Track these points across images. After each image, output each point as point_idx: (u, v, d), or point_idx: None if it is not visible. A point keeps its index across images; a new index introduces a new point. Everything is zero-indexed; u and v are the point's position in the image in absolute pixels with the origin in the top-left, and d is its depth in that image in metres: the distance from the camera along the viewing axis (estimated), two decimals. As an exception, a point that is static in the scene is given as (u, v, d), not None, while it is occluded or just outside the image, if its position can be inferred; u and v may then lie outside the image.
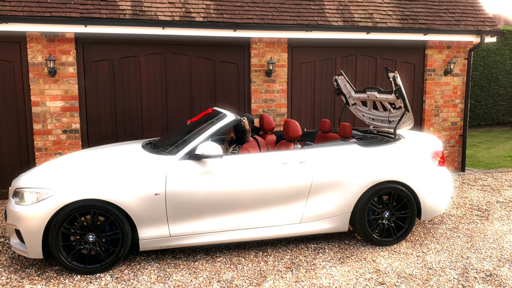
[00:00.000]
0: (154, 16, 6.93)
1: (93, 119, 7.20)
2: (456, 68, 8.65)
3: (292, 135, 5.19)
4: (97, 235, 4.32)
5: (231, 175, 4.58)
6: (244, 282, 4.17)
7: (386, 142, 5.24)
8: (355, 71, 8.29)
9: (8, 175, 6.95)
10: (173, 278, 4.25)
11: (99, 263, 4.34)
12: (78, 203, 4.19)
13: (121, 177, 4.34)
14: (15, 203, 4.29)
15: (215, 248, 4.99)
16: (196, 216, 4.53)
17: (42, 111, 6.89)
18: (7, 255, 4.80)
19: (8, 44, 6.73)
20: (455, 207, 6.54)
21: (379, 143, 5.18)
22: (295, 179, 4.75)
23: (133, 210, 4.32)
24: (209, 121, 4.99)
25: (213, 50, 7.57)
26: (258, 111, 7.81)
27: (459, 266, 4.53)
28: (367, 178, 4.89)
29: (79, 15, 6.62)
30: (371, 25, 7.75)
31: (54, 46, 6.81)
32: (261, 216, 4.71)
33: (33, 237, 4.17)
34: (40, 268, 4.47)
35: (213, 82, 7.66)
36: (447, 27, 8.13)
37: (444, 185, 5.26)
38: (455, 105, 8.79)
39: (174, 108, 7.53)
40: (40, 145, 6.94)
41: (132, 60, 7.25)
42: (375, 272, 4.38)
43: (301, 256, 4.76)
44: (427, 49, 8.49)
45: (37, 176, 4.41)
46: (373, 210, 5.01)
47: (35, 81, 6.81)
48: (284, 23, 7.37)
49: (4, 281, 4.20)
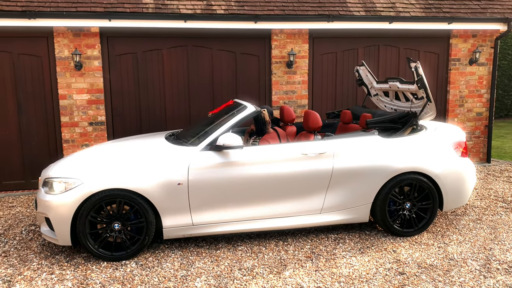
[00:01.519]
0: (176, 10, 7.02)
1: (118, 111, 7.37)
2: (481, 57, 8.46)
3: (312, 126, 5.22)
4: (123, 223, 4.46)
5: (252, 165, 4.65)
6: (264, 270, 4.25)
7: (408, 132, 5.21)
8: (377, 62, 8.21)
9: (38, 166, 7.21)
10: (195, 266, 4.37)
11: (125, 250, 4.49)
12: (104, 193, 4.34)
13: (145, 167, 4.46)
14: (45, 193, 4.47)
15: (236, 237, 5.08)
16: (218, 206, 4.62)
17: (69, 104, 7.09)
18: (38, 242, 5.01)
19: (36, 39, 6.94)
20: (479, 199, 6.45)
21: (400, 134, 5.15)
22: (315, 169, 4.78)
23: (157, 199, 4.45)
24: (230, 113, 5.06)
25: (234, 43, 7.62)
26: (279, 103, 7.84)
27: (481, 258, 4.50)
28: (388, 169, 4.88)
29: (103, 9, 6.77)
30: (393, 15, 7.65)
31: (80, 40, 6.99)
32: (281, 206, 4.77)
33: (62, 225, 4.34)
34: (69, 255, 4.66)
35: (234, 74, 7.73)
36: (473, 15, 7.95)
37: (467, 176, 5.20)
38: (480, 95, 8.61)
39: (196, 100, 7.64)
40: (68, 137, 7.16)
41: (155, 53, 7.38)
42: (395, 262, 4.39)
43: (321, 246, 4.81)
44: (452, 38, 8.33)
45: (65, 167, 4.58)
46: (394, 201, 5.01)
47: (62, 74, 7.02)
48: (305, 13, 7.35)
49: (35, 266, 4.40)
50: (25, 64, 6.97)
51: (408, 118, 5.34)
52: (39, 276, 4.19)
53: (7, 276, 4.19)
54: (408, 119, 5.34)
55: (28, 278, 4.15)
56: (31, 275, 4.20)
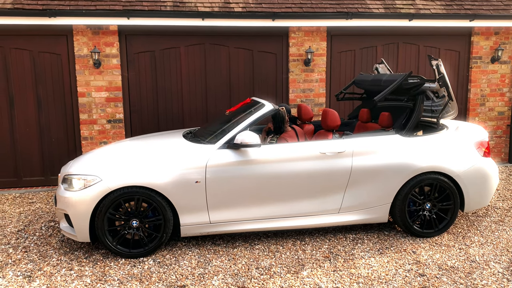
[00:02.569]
0: (194, 8, 7.02)
1: (136, 109, 7.42)
2: (504, 55, 8.27)
3: (330, 125, 5.16)
4: (141, 220, 4.48)
5: (269, 164, 4.62)
6: (282, 270, 4.22)
7: (429, 131, 5.11)
8: (397, 59, 8.09)
9: (57, 163, 7.30)
10: (212, 264, 4.36)
11: (143, 247, 4.51)
12: (122, 190, 4.36)
13: (163, 165, 4.47)
14: (64, 189, 4.51)
15: (253, 235, 5.06)
16: (235, 204, 4.61)
17: (88, 101, 7.16)
18: (57, 238, 5.06)
19: (56, 37, 7.02)
20: (501, 200, 6.31)
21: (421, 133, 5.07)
22: (333, 169, 4.72)
23: (175, 197, 4.45)
24: (247, 111, 5.04)
25: (251, 40, 7.59)
26: (296, 101, 7.79)
27: (504, 260, 4.39)
28: (408, 169, 4.80)
29: (122, 7, 6.81)
30: (413, 12, 7.52)
31: (99, 38, 7.04)
32: (299, 205, 4.74)
33: (81, 221, 4.38)
34: (88, 251, 4.70)
35: (251, 72, 7.70)
36: (495, 12, 7.77)
37: (489, 176, 5.09)
38: (502, 94, 8.42)
39: (213, 98, 7.64)
40: (86, 134, 7.23)
41: (172, 51, 7.40)
42: (415, 264, 4.32)
43: (339, 246, 4.75)
44: (473, 36, 8.16)
45: (84, 164, 4.62)
46: (414, 201, 4.92)
47: (81, 72, 7.08)
48: (323, 11, 7.28)
49: (55, 262, 4.45)
50: (45, 62, 7.06)
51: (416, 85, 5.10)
52: (58, 271, 4.23)
53: (27, 271, 4.24)
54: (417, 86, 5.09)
55: (48, 273, 4.20)
56: (50, 271, 4.25)
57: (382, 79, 5.51)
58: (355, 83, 6.27)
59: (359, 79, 6.26)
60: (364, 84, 6.08)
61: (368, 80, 5.93)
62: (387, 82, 5.28)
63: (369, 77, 6.00)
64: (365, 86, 6.08)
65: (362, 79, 6.15)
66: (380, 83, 5.46)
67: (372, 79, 5.82)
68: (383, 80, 5.46)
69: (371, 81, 5.80)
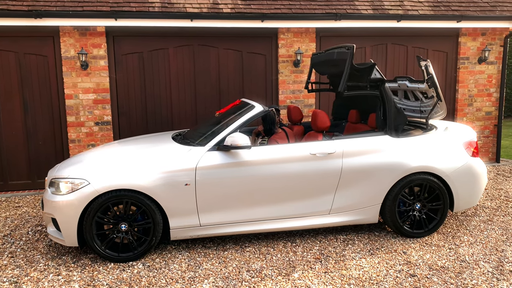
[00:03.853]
0: (183, 9, 6.97)
1: (124, 111, 7.34)
2: (491, 56, 8.36)
3: (320, 126, 5.15)
4: (130, 224, 4.42)
5: (259, 166, 4.59)
6: (273, 272, 4.19)
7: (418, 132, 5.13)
8: (385, 60, 8.13)
9: (44, 166, 7.20)
10: (203, 267, 4.32)
11: (132, 251, 4.45)
12: (110, 193, 4.30)
13: (152, 167, 4.42)
14: (51, 193, 4.44)
15: (243, 238, 5.03)
16: (226, 206, 4.57)
17: (75, 103, 7.07)
18: (44, 243, 4.98)
19: (42, 38, 6.92)
20: (489, 199, 6.36)
21: (410, 134, 5.08)
22: (324, 170, 4.72)
23: (164, 200, 4.40)
24: (237, 113, 5.01)
25: (241, 41, 7.57)
26: (286, 102, 7.78)
27: (493, 259, 4.42)
28: (398, 169, 4.81)
29: (109, 8, 6.73)
30: (402, 13, 7.57)
31: (86, 40, 6.96)
32: (289, 207, 4.72)
33: (69, 225, 4.31)
34: (76, 255, 4.62)
35: (241, 74, 7.67)
36: (482, 13, 7.85)
37: (478, 176, 5.12)
38: (489, 94, 8.51)
39: (203, 100, 7.59)
40: (74, 137, 7.14)
41: (161, 52, 7.34)
42: (406, 264, 4.32)
43: (330, 247, 4.74)
44: (461, 37, 8.23)
45: (71, 167, 4.55)
46: (404, 202, 4.94)
47: (68, 74, 6.99)
48: (312, 12, 7.29)
49: (42, 267, 4.37)
50: (31, 64, 6.95)
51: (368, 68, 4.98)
52: (45, 277, 4.16)
53: (13, 277, 4.16)
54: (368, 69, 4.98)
55: (35, 279, 4.12)
56: (37, 276, 4.17)
57: (333, 58, 5.33)
58: (314, 68, 6.12)
59: (314, 61, 6.04)
60: (322, 67, 5.88)
61: (322, 60, 5.71)
62: (340, 56, 5.11)
63: (321, 56, 5.74)
64: (324, 69, 5.89)
65: (317, 61, 5.95)
66: (336, 63, 5.29)
67: (324, 59, 5.59)
68: (334, 58, 5.28)
69: (325, 61, 5.61)
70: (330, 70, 5.69)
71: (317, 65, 5.98)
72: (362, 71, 5.02)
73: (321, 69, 5.94)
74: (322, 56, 5.64)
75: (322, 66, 5.84)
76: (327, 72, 5.92)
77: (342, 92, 4.92)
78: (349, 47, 4.92)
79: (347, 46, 4.97)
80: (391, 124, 4.97)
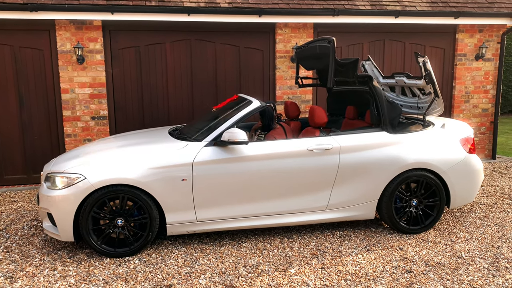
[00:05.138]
0: (180, 3, 6.93)
1: (120, 106, 7.30)
2: (488, 53, 8.37)
3: (317, 122, 5.14)
4: (126, 219, 4.40)
5: (257, 161, 4.58)
6: (269, 268, 4.19)
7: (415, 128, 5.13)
8: (383, 56, 8.12)
9: (40, 161, 7.16)
10: (199, 263, 4.31)
11: (128, 246, 4.43)
12: (106, 188, 4.28)
13: (148, 163, 4.40)
14: (47, 188, 4.41)
15: (240, 233, 5.02)
16: (222, 202, 4.56)
17: (71, 98, 7.02)
18: (40, 238, 4.95)
19: (38, 32, 6.86)
20: (485, 196, 6.39)
21: (407, 130, 5.08)
22: (321, 166, 4.71)
23: (161, 195, 4.38)
24: (234, 108, 4.99)
25: (238, 36, 7.53)
26: (283, 98, 7.76)
27: (489, 256, 4.43)
28: (394, 165, 4.81)
29: (106, 2, 6.68)
30: (399, 9, 7.55)
31: (82, 33, 6.91)
32: (286, 202, 4.71)
33: (65, 220, 4.28)
34: (72, 250, 4.61)
35: (238, 69, 7.64)
36: (480, 9, 7.85)
37: (474, 172, 5.13)
38: (486, 91, 8.52)
39: (200, 95, 7.56)
40: (70, 131, 7.10)
41: (158, 47, 7.30)
42: (402, 260, 4.33)
43: (327, 243, 4.75)
44: (458, 33, 8.23)
45: (67, 162, 4.52)
46: (401, 198, 4.94)
47: (64, 68, 6.94)
48: (310, 7, 7.26)
49: (37, 262, 4.35)
50: (26, 58, 6.90)
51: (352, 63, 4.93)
52: (41, 272, 4.14)
53: (9, 272, 4.14)
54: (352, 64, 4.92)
55: (30, 274, 4.10)
56: (33, 271, 4.15)
57: (316, 52, 5.27)
58: (300, 63, 6.08)
59: (298, 56, 5.97)
60: (307, 61, 5.81)
61: (306, 55, 5.63)
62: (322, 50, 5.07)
63: (305, 51, 5.65)
64: (309, 64, 5.83)
65: (301, 56, 5.90)
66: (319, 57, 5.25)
67: (308, 54, 5.50)
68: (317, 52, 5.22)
69: (309, 56, 5.53)
70: (315, 65, 5.67)
71: (302, 60, 5.96)
72: (346, 66, 5.00)
73: (306, 64, 5.93)
74: (306, 51, 5.59)
75: (306, 61, 5.82)
76: (313, 67, 5.91)
77: (331, 87, 4.92)
78: (329, 40, 4.89)
79: (327, 39, 4.95)
80: (386, 119, 4.97)
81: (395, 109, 5.03)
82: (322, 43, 5.09)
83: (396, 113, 5.03)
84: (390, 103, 5.02)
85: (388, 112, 4.97)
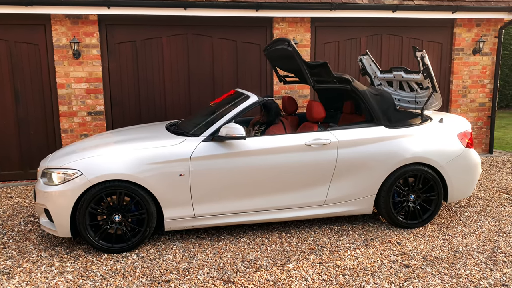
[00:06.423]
0: (176, -3, 6.87)
1: (117, 101, 7.26)
2: (485, 47, 8.36)
3: (315, 117, 5.12)
4: (123, 215, 4.39)
5: (254, 156, 4.57)
6: (268, 263, 4.19)
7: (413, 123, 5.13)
8: (380, 51, 8.10)
9: (36, 156, 7.12)
10: (197, 258, 4.30)
11: (125, 242, 4.42)
12: (104, 183, 4.26)
13: (145, 158, 4.37)
14: (44, 183, 4.38)
15: (238, 228, 5.02)
16: (220, 197, 4.55)
17: (67, 93, 6.98)
18: (37, 234, 4.93)
19: (34, 26, 6.80)
20: (483, 190, 6.40)
21: (405, 124, 5.07)
22: (319, 160, 4.70)
23: (158, 191, 4.37)
24: (232, 103, 4.96)
25: (235, 31, 7.49)
26: (281, 93, 7.74)
27: (487, 250, 4.44)
28: (392, 160, 4.81)
29: (102, -4, 6.62)
30: (397, 3, 7.52)
31: (78, 28, 6.85)
32: (284, 197, 4.70)
33: (61, 216, 4.26)
34: (69, 246, 4.59)
35: (235, 63, 7.61)
36: (477, 4, 7.83)
37: (472, 167, 5.14)
38: (483, 86, 8.52)
39: (197, 90, 7.53)
40: (66, 127, 7.06)
41: (154, 41, 7.25)
42: (400, 255, 4.34)
43: (325, 238, 4.74)
44: (455, 28, 8.22)
45: (64, 157, 4.49)
46: (399, 193, 4.94)
47: (60, 63, 6.89)
48: (307, 1, 7.22)
49: (35, 258, 4.33)
50: (22, 52, 6.84)
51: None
52: (38, 268, 4.12)
53: (6, 268, 4.12)
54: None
55: (28, 270, 4.08)
56: (30, 267, 4.13)
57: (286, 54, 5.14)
58: (272, 64, 6.04)
59: (268, 57, 5.92)
60: (278, 62, 5.73)
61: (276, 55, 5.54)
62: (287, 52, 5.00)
63: (273, 52, 5.54)
64: (281, 64, 5.74)
65: (270, 57, 5.84)
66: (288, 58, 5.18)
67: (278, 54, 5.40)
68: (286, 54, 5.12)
69: (279, 57, 5.46)
70: (287, 65, 5.62)
71: (274, 61, 5.93)
72: (317, 68, 4.95)
73: (279, 64, 5.88)
74: (276, 52, 5.46)
75: (278, 62, 5.77)
76: (286, 67, 5.82)
77: (313, 85, 4.95)
78: (288, 42, 4.80)
79: (286, 41, 4.88)
80: (378, 113, 4.95)
81: (385, 99, 5.01)
82: (282, 45, 5.02)
83: (387, 103, 5.01)
84: (378, 95, 4.99)
85: (378, 106, 4.95)
